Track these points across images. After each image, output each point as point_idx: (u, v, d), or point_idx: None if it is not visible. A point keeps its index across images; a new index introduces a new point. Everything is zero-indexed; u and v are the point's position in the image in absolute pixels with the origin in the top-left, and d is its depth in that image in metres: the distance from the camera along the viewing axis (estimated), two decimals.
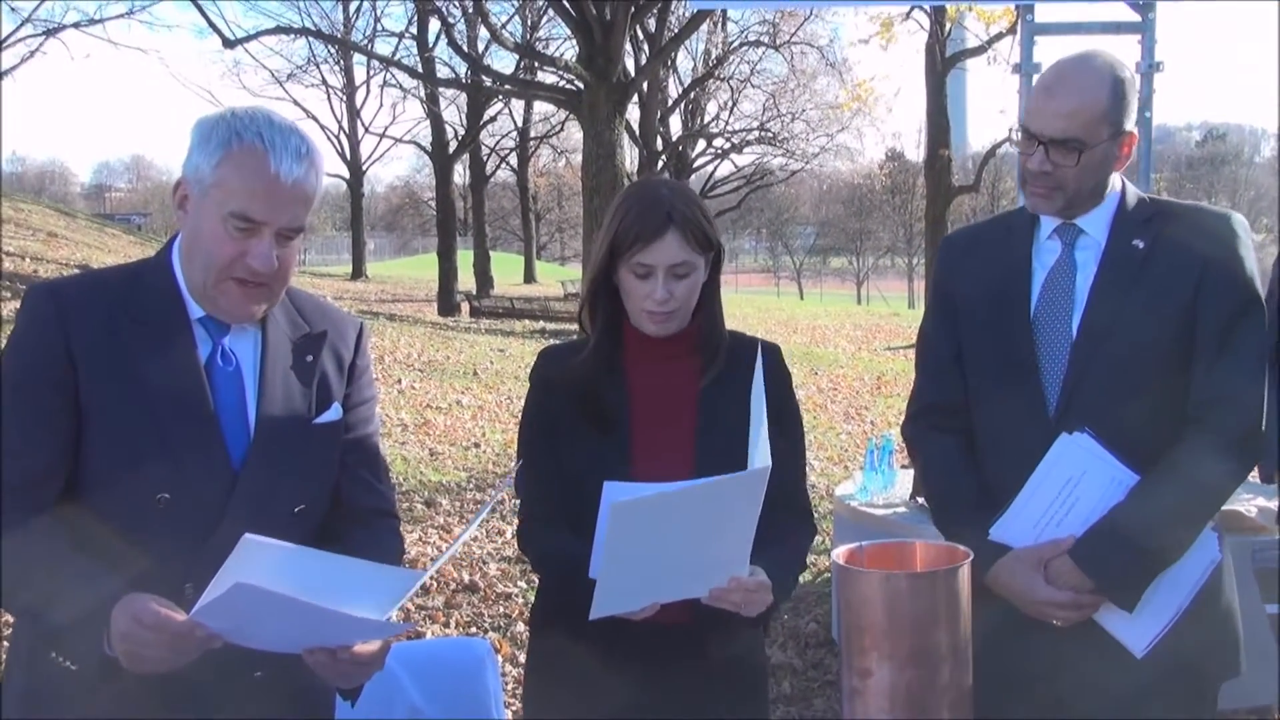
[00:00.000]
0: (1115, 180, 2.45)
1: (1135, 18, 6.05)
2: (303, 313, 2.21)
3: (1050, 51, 6.76)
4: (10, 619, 2.34)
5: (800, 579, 2.47)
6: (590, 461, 2.38)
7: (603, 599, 2.08)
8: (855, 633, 1.68)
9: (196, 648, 1.80)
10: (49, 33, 29.01)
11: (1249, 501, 5.00)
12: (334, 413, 2.16)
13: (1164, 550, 2.33)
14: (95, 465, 1.99)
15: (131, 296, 2.05)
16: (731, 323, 2.56)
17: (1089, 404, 2.35)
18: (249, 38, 20.64)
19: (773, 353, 2.51)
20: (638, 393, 2.42)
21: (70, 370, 1.97)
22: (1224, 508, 4.84)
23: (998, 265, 2.50)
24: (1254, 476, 3.91)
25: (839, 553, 1.71)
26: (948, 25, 21.65)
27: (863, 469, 5.58)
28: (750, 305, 34.40)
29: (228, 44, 18.96)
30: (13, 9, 29.16)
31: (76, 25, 29.38)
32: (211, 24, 18.56)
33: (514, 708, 3.91)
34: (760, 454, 2.07)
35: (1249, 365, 2.35)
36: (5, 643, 2.95)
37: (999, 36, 20.16)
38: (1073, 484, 2.33)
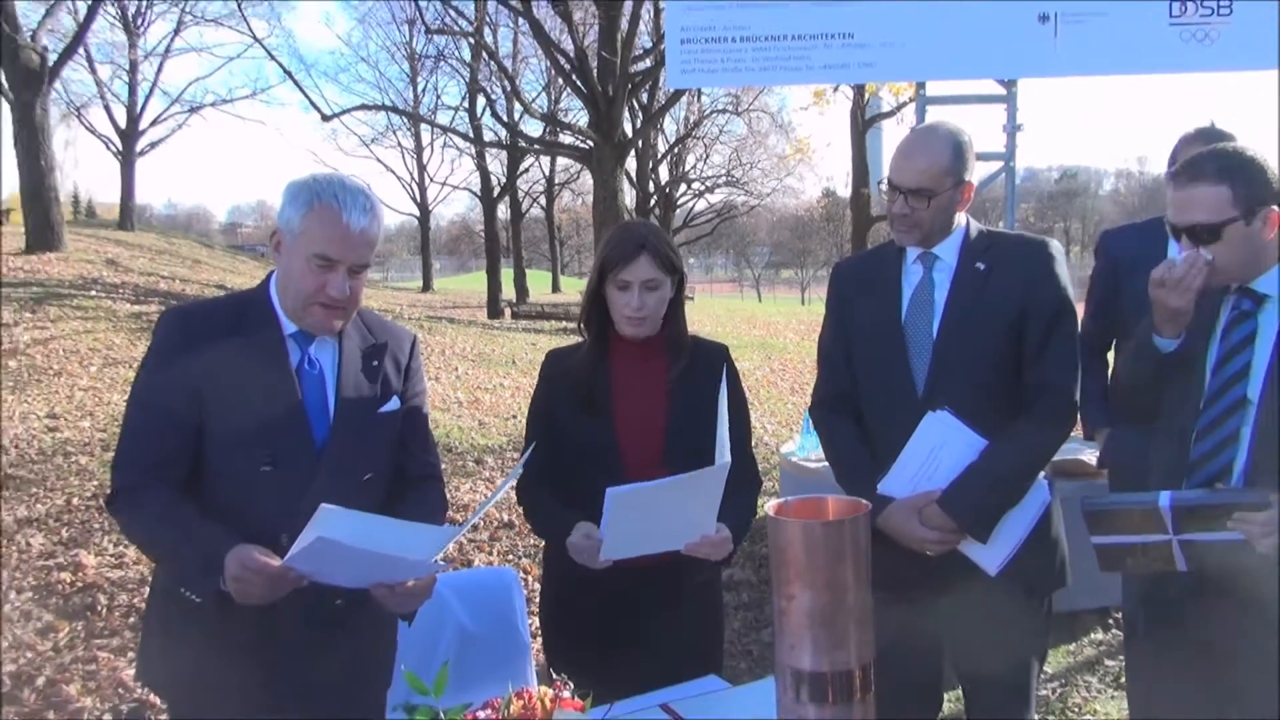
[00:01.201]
0: (960, 218, 2.44)
1: (1001, 91, 6.03)
2: (370, 328, 2.20)
3: (939, 117, 6.76)
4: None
5: (756, 515, 2.48)
6: (583, 437, 2.38)
7: (608, 549, 2.16)
8: (782, 567, 1.66)
9: (290, 585, 1.82)
10: (192, 110, 29.01)
11: (1092, 454, 5.00)
12: (394, 404, 2.16)
13: (1008, 497, 2.34)
14: (216, 446, 1.99)
15: (240, 318, 2.05)
16: (706, 320, 2.59)
17: (948, 388, 2.34)
18: (341, 113, 20.47)
19: (723, 355, 2.52)
20: (620, 384, 2.42)
21: (194, 375, 1.97)
22: (1071, 457, 4.88)
23: (876, 285, 2.49)
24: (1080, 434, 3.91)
25: (770, 506, 1.70)
26: (867, 95, 21.52)
27: (801, 432, 5.58)
28: (721, 307, 34.22)
29: (325, 118, 18.84)
30: (164, 92, 29.03)
31: (213, 104, 29.42)
32: (312, 103, 18.45)
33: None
34: (722, 450, 2.09)
35: (1065, 357, 2.35)
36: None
37: (905, 104, 20.05)
38: (937, 449, 2.34)
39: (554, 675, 1.72)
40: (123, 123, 27.61)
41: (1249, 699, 2.11)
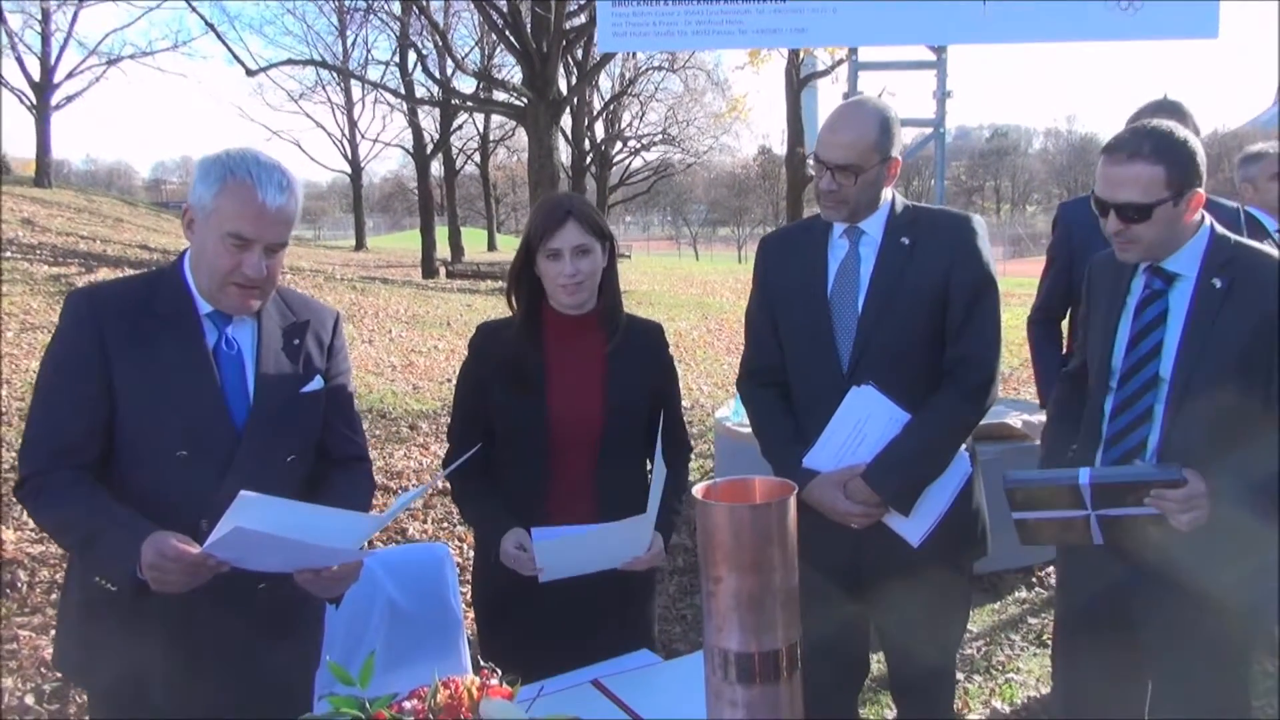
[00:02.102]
0: (887, 193, 2.43)
1: (932, 57, 6.08)
2: (290, 306, 2.14)
3: (871, 82, 6.82)
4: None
5: (688, 488, 2.48)
6: (514, 415, 2.34)
7: (547, 575, 2.22)
8: (710, 549, 1.66)
9: (209, 572, 1.77)
10: (110, 62, 27.84)
11: (1017, 416, 5.12)
12: (316, 383, 2.11)
13: (930, 470, 2.37)
14: (129, 430, 1.93)
15: (152, 298, 1.98)
16: (643, 279, 2.58)
17: (872, 362, 2.35)
18: (267, 68, 19.82)
19: (659, 333, 2.50)
20: (554, 362, 2.38)
21: (104, 358, 1.90)
22: (996, 422, 4.97)
23: (802, 259, 2.48)
24: (1008, 396, 3.98)
25: (698, 489, 1.70)
26: (801, 55, 21.49)
27: (736, 396, 5.58)
28: (658, 265, 34.24)
29: (250, 73, 18.23)
30: (80, 43, 27.82)
31: (132, 56, 28.25)
32: (236, 57, 17.82)
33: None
34: (654, 501, 2.12)
35: (987, 332, 2.37)
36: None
37: (840, 62, 20.04)
38: (861, 423, 2.35)
39: (481, 662, 1.70)
40: (36, 75, 26.42)
41: (1168, 676, 2.17)
